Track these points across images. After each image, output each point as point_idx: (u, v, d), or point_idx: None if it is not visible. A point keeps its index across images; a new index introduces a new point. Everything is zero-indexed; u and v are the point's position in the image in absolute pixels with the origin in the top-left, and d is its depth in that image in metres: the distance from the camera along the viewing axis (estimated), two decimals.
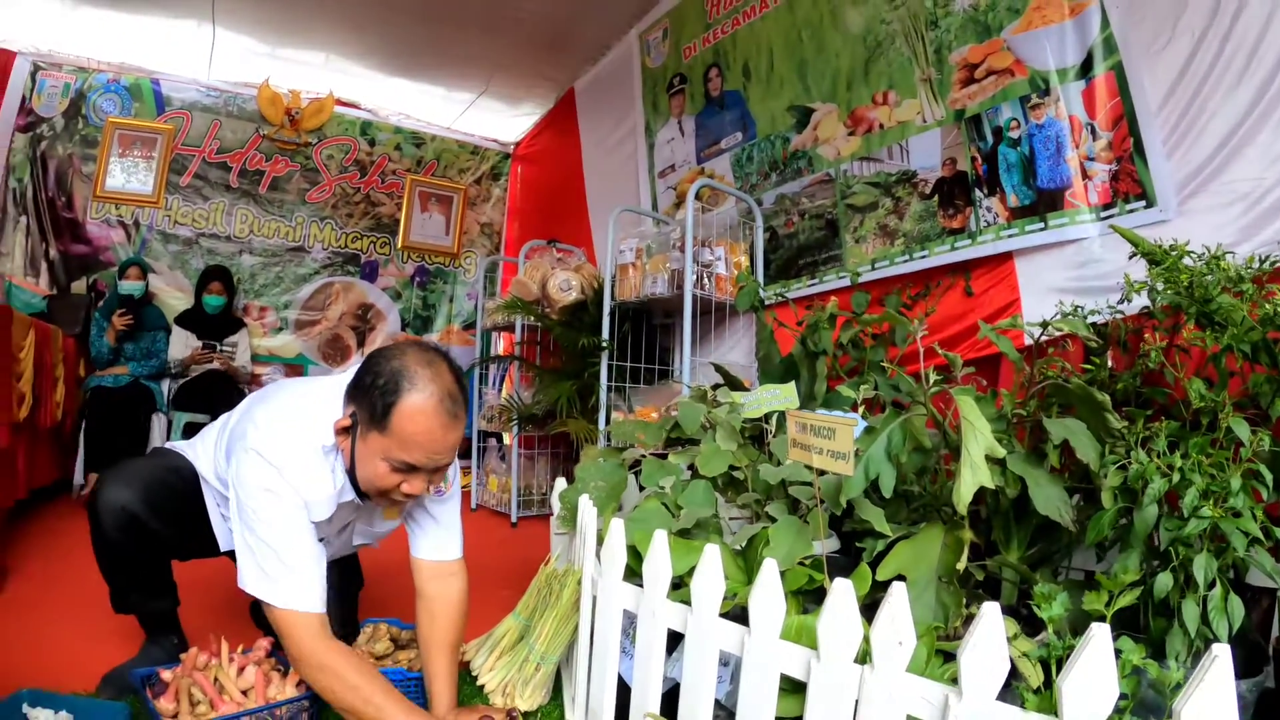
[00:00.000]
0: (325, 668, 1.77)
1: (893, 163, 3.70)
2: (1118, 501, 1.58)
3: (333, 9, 5.69)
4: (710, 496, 2.14)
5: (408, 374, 1.78)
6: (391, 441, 1.77)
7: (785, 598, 1.42)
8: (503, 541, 4.60)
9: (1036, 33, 3.12)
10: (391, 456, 1.79)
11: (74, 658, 2.37)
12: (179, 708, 1.87)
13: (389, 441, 1.78)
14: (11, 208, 6.16)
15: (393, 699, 1.77)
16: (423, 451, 1.79)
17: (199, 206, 6.79)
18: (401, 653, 2.34)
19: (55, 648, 2.47)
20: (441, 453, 1.82)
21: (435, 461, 1.83)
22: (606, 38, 5.93)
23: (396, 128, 7.53)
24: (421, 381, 1.77)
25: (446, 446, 1.83)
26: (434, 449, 1.80)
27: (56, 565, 3.39)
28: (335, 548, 2.24)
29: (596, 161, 6.28)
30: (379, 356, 1.87)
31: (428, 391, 1.77)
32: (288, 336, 7.12)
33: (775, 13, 4.41)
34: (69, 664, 2.30)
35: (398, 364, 1.80)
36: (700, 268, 4.08)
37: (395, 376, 1.78)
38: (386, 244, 7.54)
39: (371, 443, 1.81)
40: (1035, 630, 1.47)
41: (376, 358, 1.87)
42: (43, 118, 6.26)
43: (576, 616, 2.08)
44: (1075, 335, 2.08)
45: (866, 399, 2.01)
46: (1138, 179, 2.83)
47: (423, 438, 1.78)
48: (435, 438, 1.79)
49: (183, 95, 6.72)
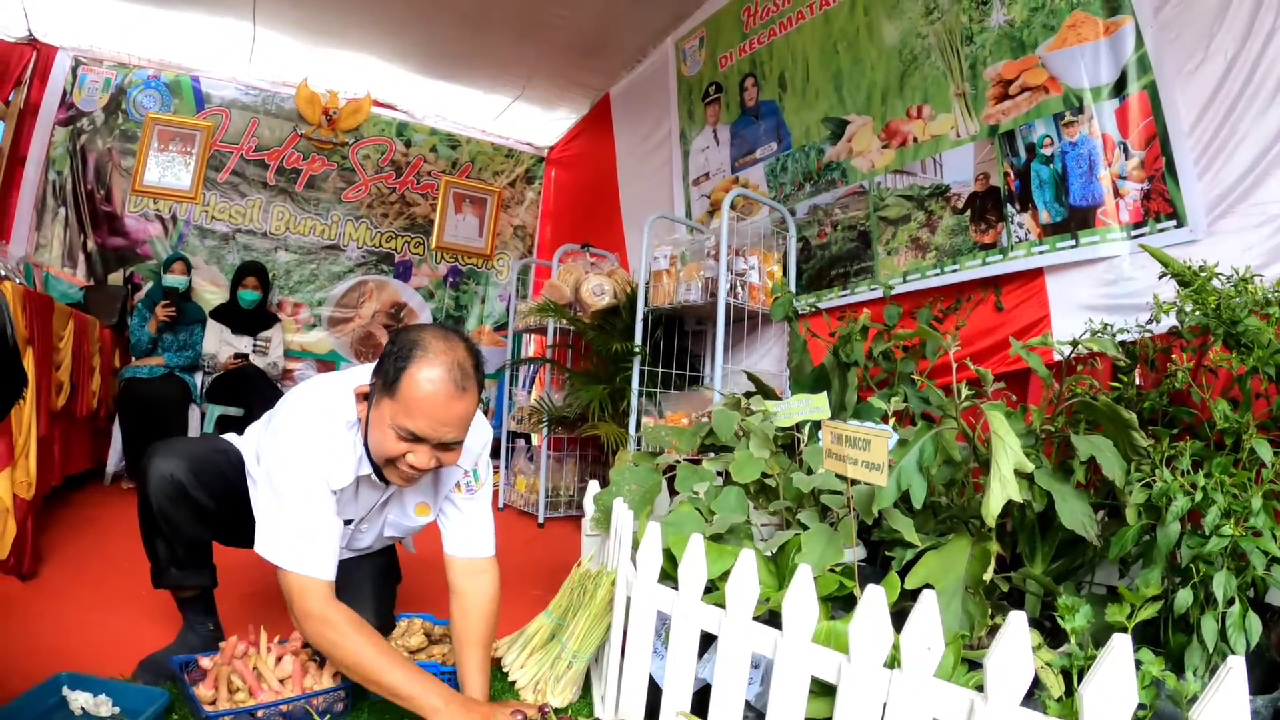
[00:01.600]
0: (329, 622, 1.83)
1: (926, 176, 3.73)
2: (1141, 518, 1.62)
3: (372, 11, 5.77)
4: (743, 502, 2.18)
5: (422, 344, 1.84)
6: (399, 407, 1.83)
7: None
8: (530, 541, 4.63)
9: (1071, 50, 3.14)
10: (398, 423, 1.83)
11: (109, 642, 2.40)
12: (218, 694, 1.93)
13: (397, 407, 1.83)
14: (51, 199, 6.28)
15: (393, 657, 1.84)
16: (426, 420, 1.83)
17: (236, 203, 6.90)
18: (435, 647, 2.38)
19: (91, 632, 2.49)
20: (446, 423, 1.85)
21: (440, 434, 1.86)
22: (643, 45, 5.99)
23: (432, 129, 7.61)
24: (433, 352, 1.83)
25: (452, 417, 1.86)
26: (438, 418, 1.83)
27: (90, 551, 3.44)
28: (369, 538, 2.31)
29: (631, 167, 6.33)
30: (402, 330, 1.96)
31: (437, 361, 1.82)
32: (321, 333, 7.21)
33: (811, 24, 4.44)
34: (104, 648, 2.33)
35: (415, 335, 1.88)
36: (734, 276, 4.12)
37: (409, 345, 1.85)
38: (420, 244, 7.62)
39: (383, 408, 1.86)
40: (1058, 642, 1.50)
41: (399, 331, 1.95)
42: (83, 112, 6.39)
43: (609, 617, 2.11)
44: (1104, 354, 2.11)
45: (897, 411, 2.05)
46: (1169, 198, 2.86)
47: (428, 404, 1.81)
48: (439, 405, 1.82)
49: (222, 93, 6.85)
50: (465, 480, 2.20)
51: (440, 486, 2.19)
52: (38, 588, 2.89)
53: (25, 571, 2.91)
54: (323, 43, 6.35)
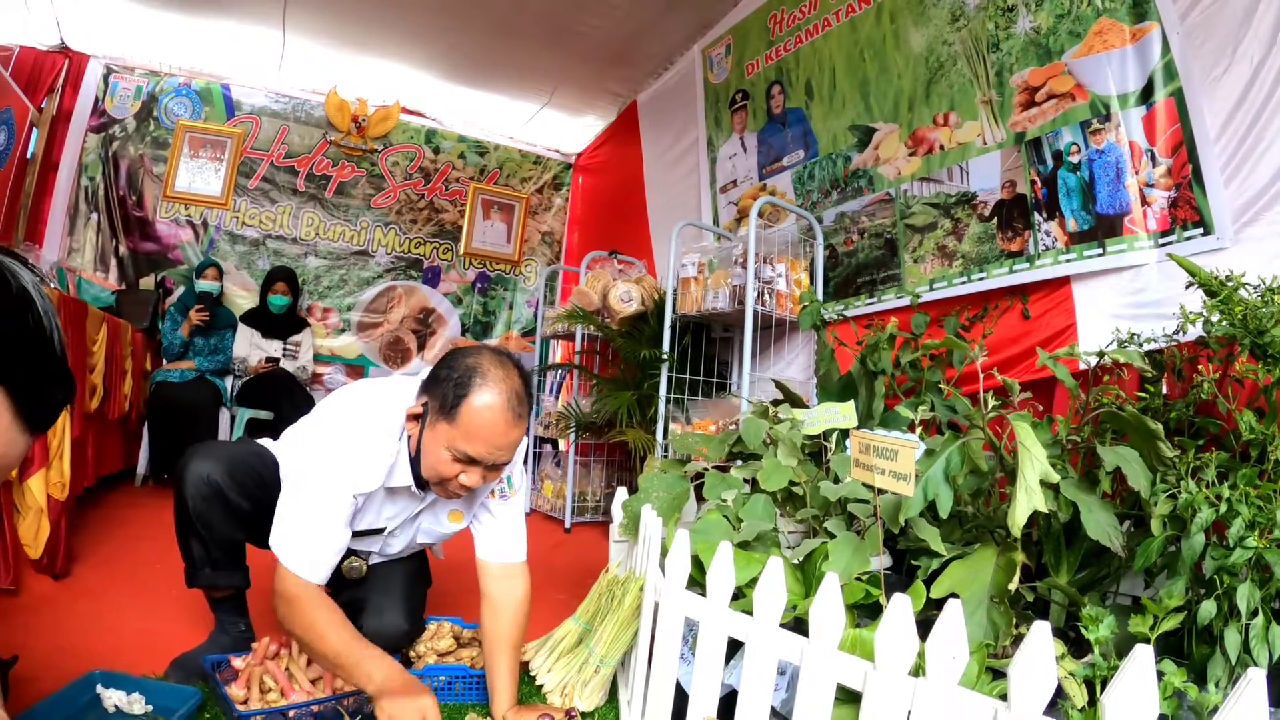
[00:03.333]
0: (295, 598, 1.88)
1: (952, 184, 3.73)
2: (1166, 529, 1.62)
3: (401, 20, 5.84)
4: (770, 510, 2.20)
5: (480, 371, 1.90)
6: (457, 432, 1.88)
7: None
8: (557, 546, 4.65)
9: (1098, 57, 3.13)
10: (455, 446, 1.89)
11: (141, 641, 2.43)
12: (250, 694, 1.97)
13: (455, 432, 1.89)
14: (83, 205, 6.40)
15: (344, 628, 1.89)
16: (484, 445, 1.89)
17: (266, 209, 7.00)
18: (464, 650, 2.42)
19: (122, 631, 2.52)
20: (502, 448, 1.93)
21: (495, 457, 1.93)
22: (669, 52, 6.03)
23: (461, 136, 7.68)
24: (493, 380, 1.89)
25: (508, 443, 1.93)
26: (495, 444, 1.90)
27: (121, 551, 3.47)
28: (401, 544, 2.34)
29: (658, 174, 6.35)
30: (456, 354, 1.99)
31: (497, 390, 1.88)
32: (350, 338, 7.29)
33: (838, 31, 4.46)
34: (136, 647, 2.36)
35: (473, 361, 1.93)
36: (761, 284, 4.14)
37: (469, 372, 1.90)
38: (449, 250, 7.69)
39: (439, 431, 1.91)
40: (1081, 652, 1.51)
41: (454, 354, 1.99)
42: (115, 119, 6.52)
43: (637, 622, 2.13)
44: (1131, 364, 2.12)
45: (923, 420, 2.07)
46: (1196, 206, 2.85)
47: (486, 431, 1.88)
48: (498, 433, 1.89)
49: (252, 100, 6.96)
50: (499, 486, 2.25)
51: (476, 494, 2.22)
52: (70, 587, 2.93)
53: (58, 571, 2.96)
54: (352, 50, 6.44)
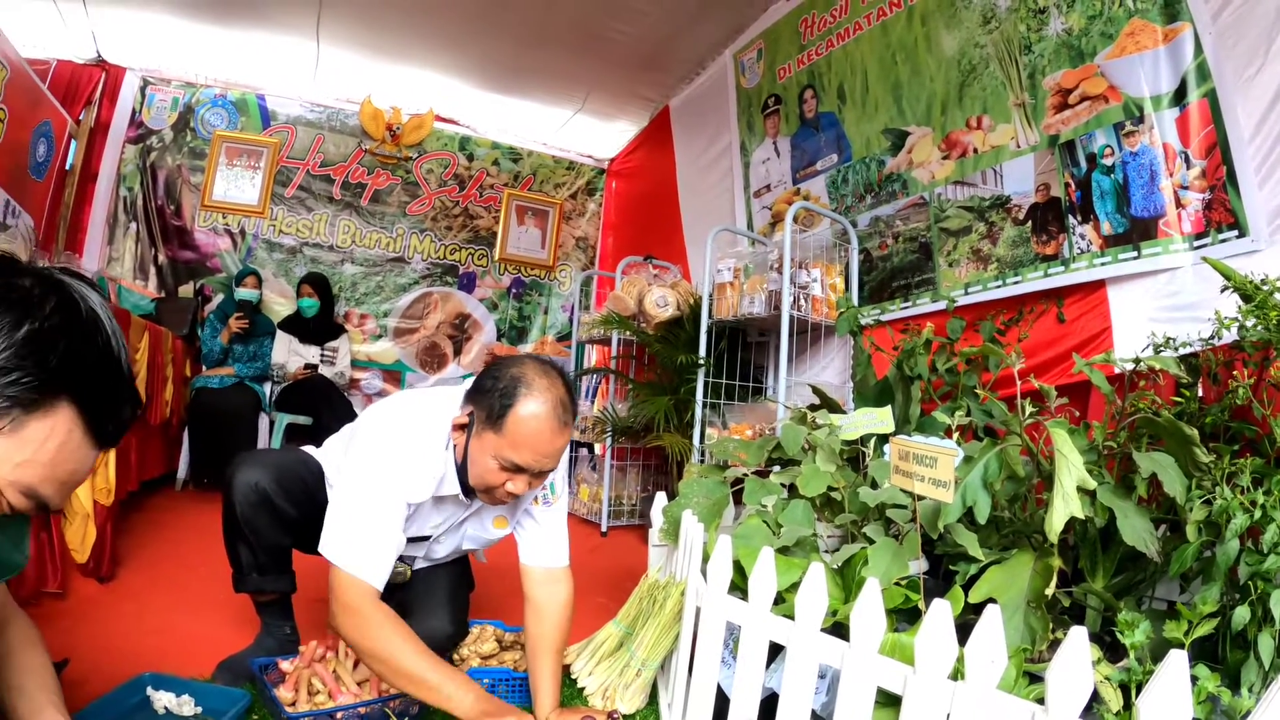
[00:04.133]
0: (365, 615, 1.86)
1: (986, 187, 3.74)
2: (1201, 535, 1.64)
3: (433, 29, 5.93)
4: (809, 516, 2.23)
5: (526, 381, 1.94)
6: (504, 441, 1.92)
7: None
8: (594, 550, 4.67)
9: (1130, 59, 3.13)
10: (502, 455, 1.93)
11: (186, 644, 2.48)
12: (298, 696, 2.02)
13: (502, 441, 1.93)
14: (122, 215, 6.55)
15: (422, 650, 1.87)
16: (531, 453, 1.93)
17: (303, 217, 7.11)
18: (507, 653, 2.47)
19: (168, 633, 2.58)
20: (548, 456, 1.97)
21: (541, 464, 1.97)
22: (701, 57, 6.06)
23: (494, 143, 7.76)
24: (538, 389, 1.93)
25: (554, 450, 1.98)
26: (542, 451, 1.94)
27: (164, 555, 3.53)
28: (446, 549, 2.40)
29: (691, 179, 6.37)
30: (501, 364, 2.03)
31: (542, 399, 1.92)
32: (387, 343, 7.39)
33: (869, 35, 4.47)
34: (182, 649, 2.41)
35: (517, 371, 1.96)
36: (797, 289, 4.16)
37: (514, 382, 1.94)
38: (484, 256, 7.77)
39: (485, 441, 1.96)
40: (1117, 656, 1.53)
41: (498, 365, 2.03)
42: (152, 130, 6.66)
43: (678, 626, 2.16)
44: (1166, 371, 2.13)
45: (960, 425, 2.09)
46: (1230, 208, 2.84)
47: (533, 440, 1.92)
48: (545, 440, 1.93)
49: (287, 110, 7.08)
50: (542, 493, 2.28)
51: (520, 500, 2.26)
52: (116, 590, 2.99)
53: (104, 574, 3.02)
54: (385, 60, 6.54)
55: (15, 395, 1.05)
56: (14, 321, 1.05)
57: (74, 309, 1.12)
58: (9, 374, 1.05)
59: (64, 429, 1.11)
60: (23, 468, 1.08)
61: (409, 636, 1.88)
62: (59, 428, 1.10)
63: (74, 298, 1.13)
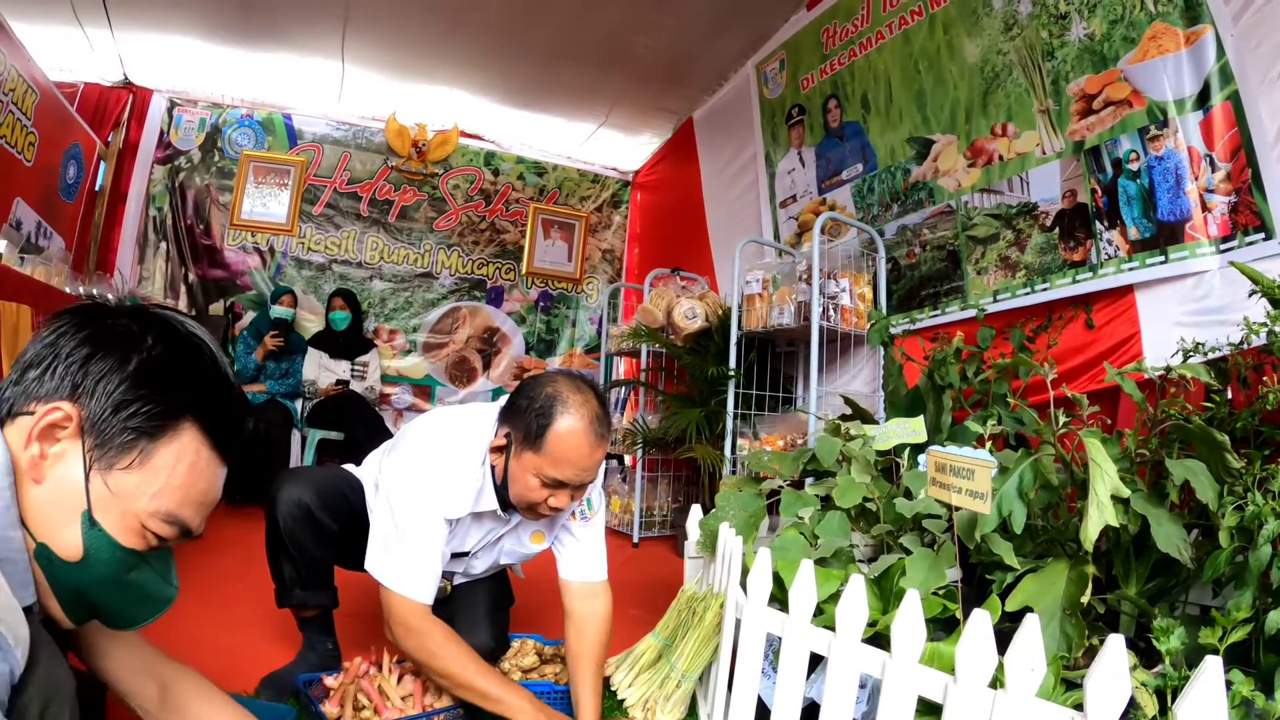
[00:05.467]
0: (427, 634, 1.99)
1: (1013, 195, 3.76)
2: (1234, 540, 1.67)
3: (456, 48, 6.02)
4: (845, 527, 2.25)
5: (561, 398, 1.99)
6: (544, 460, 1.97)
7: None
8: (626, 561, 4.67)
9: (1153, 62, 3.14)
10: (543, 473, 1.98)
11: (227, 659, 2.48)
12: (344, 712, 2.05)
13: (541, 460, 1.98)
14: (152, 234, 6.67)
15: (483, 665, 1.99)
16: (571, 469, 1.98)
17: (331, 234, 7.21)
18: (547, 667, 2.49)
19: (210, 649, 2.56)
20: (588, 469, 2.02)
21: (581, 478, 2.02)
22: (723, 69, 6.09)
23: (519, 158, 7.81)
24: (573, 405, 1.98)
25: (593, 464, 2.03)
26: (582, 466, 2.00)
27: (202, 569, 3.54)
28: (484, 564, 2.44)
29: (717, 190, 6.39)
30: (533, 384, 2.07)
31: (579, 415, 1.97)
32: (416, 358, 7.46)
33: (891, 44, 4.50)
34: (223, 665, 2.40)
35: (551, 390, 2.01)
36: (826, 300, 4.18)
37: (550, 401, 1.99)
38: (511, 270, 7.82)
39: (525, 460, 2.00)
40: (1152, 662, 1.55)
41: (531, 385, 2.07)
42: (180, 150, 6.78)
43: (718, 638, 2.17)
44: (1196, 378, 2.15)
45: (992, 434, 2.11)
46: (1256, 211, 2.85)
47: (573, 455, 1.97)
48: (584, 455, 1.98)
49: (313, 129, 7.18)
50: (580, 508, 2.33)
51: (558, 516, 2.30)
52: None
53: None
54: (409, 78, 6.62)
55: (139, 426, 1.10)
56: (122, 357, 1.11)
57: (175, 334, 1.18)
58: (129, 406, 1.10)
59: (192, 449, 1.16)
60: (159, 496, 1.13)
61: (466, 650, 1.99)
62: (186, 449, 1.15)
63: (172, 324, 1.19)
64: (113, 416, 1.09)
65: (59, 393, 1.08)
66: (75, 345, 1.10)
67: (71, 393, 1.08)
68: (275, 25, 5.79)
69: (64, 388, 1.09)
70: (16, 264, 3.13)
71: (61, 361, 1.09)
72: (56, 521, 1.08)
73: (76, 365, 1.09)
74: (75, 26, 5.65)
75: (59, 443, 1.08)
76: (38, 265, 3.26)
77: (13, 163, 4.69)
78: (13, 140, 4.64)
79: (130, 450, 1.10)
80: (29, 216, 4.99)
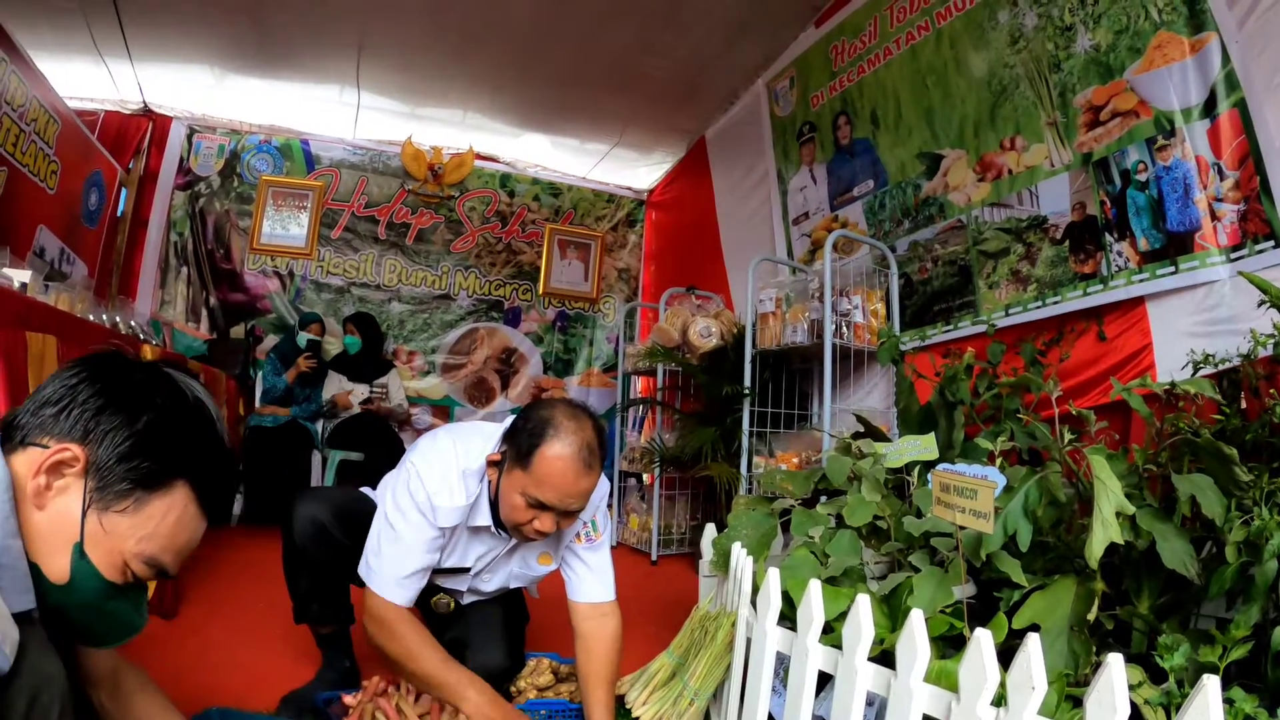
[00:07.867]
0: (386, 621, 2.08)
1: (1023, 208, 3.76)
2: (1241, 555, 1.66)
3: (470, 72, 6.09)
4: (856, 545, 2.26)
5: (554, 423, 2.03)
6: (530, 480, 2.02)
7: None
8: (644, 579, 4.70)
9: (1159, 72, 3.15)
10: (528, 493, 2.03)
11: (249, 678, 2.55)
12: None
13: (528, 479, 2.02)
14: (173, 259, 6.76)
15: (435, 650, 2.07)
16: (555, 493, 2.02)
17: (349, 257, 7.27)
18: (563, 685, 2.53)
19: (230, 668, 2.65)
20: (573, 496, 2.05)
21: (566, 504, 2.05)
22: (735, 87, 6.13)
23: (534, 179, 7.86)
24: (565, 432, 2.02)
25: (578, 491, 2.05)
26: (566, 491, 2.03)
27: (223, 590, 3.61)
28: (494, 584, 2.48)
29: (730, 208, 6.42)
30: (535, 406, 2.14)
31: (568, 441, 2.01)
32: (435, 379, 7.50)
33: (899, 60, 4.52)
34: (245, 684, 2.49)
35: (548, 414, 2.07)
36: (839, 317, 4.20)
37: (543, 424, 2.04)
38: (528, 290, 7.86)
39: (514, 478, 2.06)
40: (1161, 678, 1.55)
41: (533, 407, 2.14)
42: (200, 176, 6.88)
43: (729, 656, 2.19)
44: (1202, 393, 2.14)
45: (1003, 450, 2.11)
46: (1265, 218, 2.84)
47: (557, 479, 2.01)
48: (568, 481, 2.02)
49: (330, 154, 7.25)
50: (585, 531, 2.37)
51: (561, 537, 2.35)
52: (179, 626, 3.06)
53: (167, 610, 3.11)
54: (424, 103, 6.72)
55: (138, 478, 1.22)
56: (132, 414, 1.23)
57: (182, 398, 1.31)
58: (132, 460, 1.21)
59: (180, 504, 1.28)
60: (145, 541, 1.24)
61: (428, 642, 2.08)
62: (176, 504, 1.27)
63: (180, 388, 1.32)
64: (116, 465, 1.20)
65: (71, 434, 1.20)
66: (91, 395, 1.22)
67: (83, 437, 1.20)
68: (291, 54, 5.88)
69: (76, 431, 1.20)
70: (41, 291, 3.19)
71: (78, 406, 1.21)
72: (50, 546, 1.19)
73: (90, 414, 1.21)
74: (95, 57, 5.75)
75: (64, 478, 1.19)
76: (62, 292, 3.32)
77: (36, 191, 4.79)
78: (35, 169, 4.74)
79: (127, 496, 1.22)
80: (52, 244, 5.09)
